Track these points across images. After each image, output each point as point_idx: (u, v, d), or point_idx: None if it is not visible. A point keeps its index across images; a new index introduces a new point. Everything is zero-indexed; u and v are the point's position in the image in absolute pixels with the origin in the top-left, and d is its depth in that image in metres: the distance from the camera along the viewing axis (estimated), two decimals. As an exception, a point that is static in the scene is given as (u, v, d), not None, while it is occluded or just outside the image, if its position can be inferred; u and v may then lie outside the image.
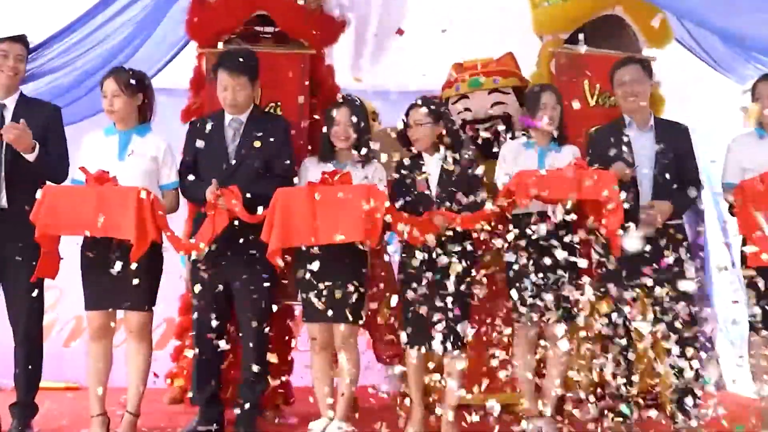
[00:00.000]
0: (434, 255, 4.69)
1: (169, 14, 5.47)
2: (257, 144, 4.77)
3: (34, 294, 4.67)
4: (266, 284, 4.70)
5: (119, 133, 4.79)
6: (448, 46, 5.77)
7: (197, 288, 4.73)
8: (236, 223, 4.58)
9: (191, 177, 4.76)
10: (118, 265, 4.48)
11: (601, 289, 4.76)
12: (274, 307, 4.67)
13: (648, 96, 5.05)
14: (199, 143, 4.78)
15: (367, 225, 4.41)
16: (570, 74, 5.51)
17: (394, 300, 4.69)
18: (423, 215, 4.66)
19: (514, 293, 4.78)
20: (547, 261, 4.72)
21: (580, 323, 4.71)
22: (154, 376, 4.87)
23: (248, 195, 4.56)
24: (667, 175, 4.86)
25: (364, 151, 4.85)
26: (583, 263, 4.68)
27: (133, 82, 4.72)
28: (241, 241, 4.61)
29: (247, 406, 4.70)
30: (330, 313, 4.64)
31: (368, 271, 4.87)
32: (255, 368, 4.67)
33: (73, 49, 5.40)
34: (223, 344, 4.69)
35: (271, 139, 4.78)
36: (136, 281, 4.50)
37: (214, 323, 4.71)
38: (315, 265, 4.56)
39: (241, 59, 4.77)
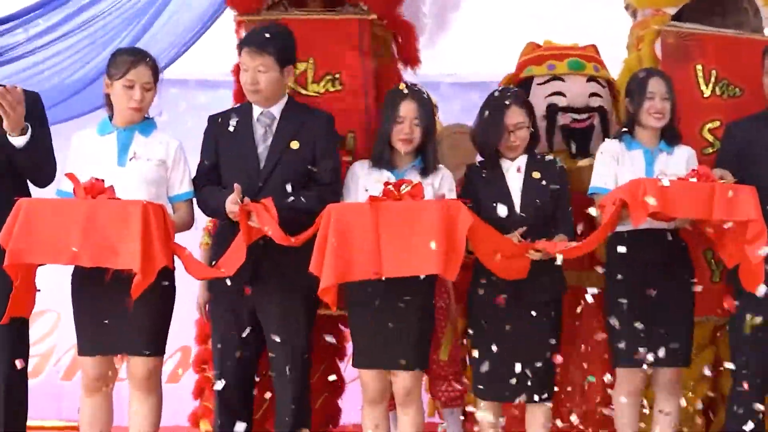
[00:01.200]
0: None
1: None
2: (294, 145, 3.86)
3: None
4: (305, 319, 3.91)
5: (118, 132, 3.83)
6: (506, 32, 5.37)
7: (217, 324, 3.96)
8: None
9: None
10: (118, 300, 3.60)
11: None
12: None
13: None
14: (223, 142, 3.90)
15: (446, 253, 3.46)
16: (679, 58, 4.62)
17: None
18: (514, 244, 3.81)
19: (615, 328, 3.96)
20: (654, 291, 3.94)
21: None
22: None
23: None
24: None
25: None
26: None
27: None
28: (271, 261, 3.79)
29: None
30: (389, 358, 3.84)
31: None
32: (292, 424, 3.89)
33: (53, 30, 4.57)
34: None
35: (312, 138, 3.88)
36: (142, 319, 3.65)
37: (239, 366, 3.93)
38: (370, 300, 3.76)
39: (267, 35, 3.84)
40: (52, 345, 6.01)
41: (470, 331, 4.03)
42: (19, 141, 3.71)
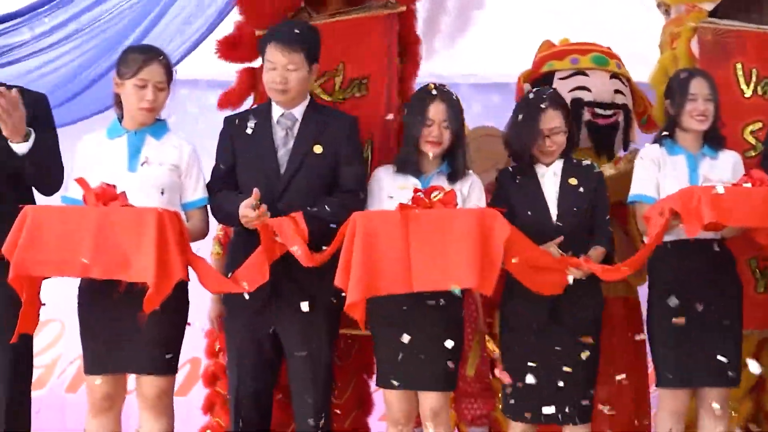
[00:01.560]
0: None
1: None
2: (317, 148, 3.62)
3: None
4: (328, 336, 3.67)
5: (128, 135, 3.59)
6: (529, 31, 5.12)
7: (233, 340, 3.71)
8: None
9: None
10: (128, 315, 3.36)
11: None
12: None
13: None
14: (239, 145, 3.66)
15: (482, 265, 3.23)
16: (717, 56, 4.43)
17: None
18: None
19: (659, 345, 3.76)
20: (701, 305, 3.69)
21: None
22: None
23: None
24: None
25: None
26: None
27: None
28: (291, 274, 3.54)
29: None
30: (416, 377, 3.61)
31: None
32: None
33: (59, 29, 4.33)
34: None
35: (336, 142, 3.65)
36: (153, 335, 3.41)
37: (257, 383, 3.70)
38: (394, 314, 3.54)
39: (297, 30, 3.62)
40: (56, 356, 5.92)
41: (502, 350, 3.80)
42: (21, 148, 3.46)
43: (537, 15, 5.48)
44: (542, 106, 3.74)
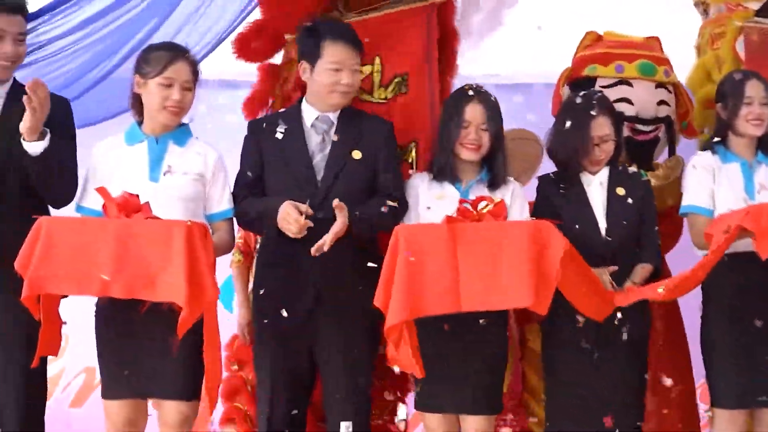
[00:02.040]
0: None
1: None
2: (356, 154, 3.37)
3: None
4: (368, 357, 3.44)
5: (149, 141, 3.31)
6: (555, 31, 4.98)
7: (264, 357, 3.44)
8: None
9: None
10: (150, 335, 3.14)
11: None
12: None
13: None
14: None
15: (536, 283, 2.98)
16: (765, 57, 4.21)
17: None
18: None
19: (715, 364, 3.53)
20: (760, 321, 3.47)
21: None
22: None
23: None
24: None
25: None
26: None
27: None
28: (332, 288, 3.33)
29: None
30: (459, 400, 3.38)
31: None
32: None
33: (76, 31, 4.07)
34: None
35: (375, 147, 3.42)
36: (177, 358, 3.15)
37: (291, 406, 3.44)
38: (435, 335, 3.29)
39: (351, 29, 3.47)
40: (60, 368, 5.60)
41: (547, 367, 3.58)
42: (35, 147, 3.19)
43: (564, 15, 5.24)
44: (592, 112, 3.52)
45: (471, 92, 3.50)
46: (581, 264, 3.17)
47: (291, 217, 3.18)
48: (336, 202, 3.19)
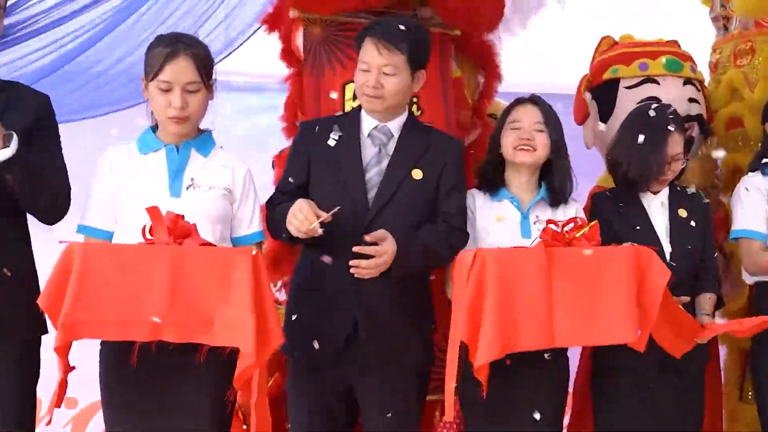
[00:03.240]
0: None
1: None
2: (417, 174, 2.96)
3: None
4: (417, 403, 3.05)
5: (167, 150, 2.83)
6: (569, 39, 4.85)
7: (298, 397, 3.01)
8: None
9: None
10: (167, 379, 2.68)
11: None
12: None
13: None
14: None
15: (637, 316, 2.67)
16: None
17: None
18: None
19: None
20: None
21: None
22: None
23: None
24: None
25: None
26: None
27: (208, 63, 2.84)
28: (374, 320, 2.92)
29: None
30: None
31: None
32: None
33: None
34: None
35: (440, 168, 3.00)
36: (201, 398, 2.67)
37: None
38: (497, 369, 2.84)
39: (402, 27, 2.94)
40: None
41: (601, 396, 3.28)
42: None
43: (583, 22, 4.98)
44: (670, 128, 3.23)
45: (523, 98, 3.18)
46: (668, 294, 2.85)
47: (301, 214, 2.73)
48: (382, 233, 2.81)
